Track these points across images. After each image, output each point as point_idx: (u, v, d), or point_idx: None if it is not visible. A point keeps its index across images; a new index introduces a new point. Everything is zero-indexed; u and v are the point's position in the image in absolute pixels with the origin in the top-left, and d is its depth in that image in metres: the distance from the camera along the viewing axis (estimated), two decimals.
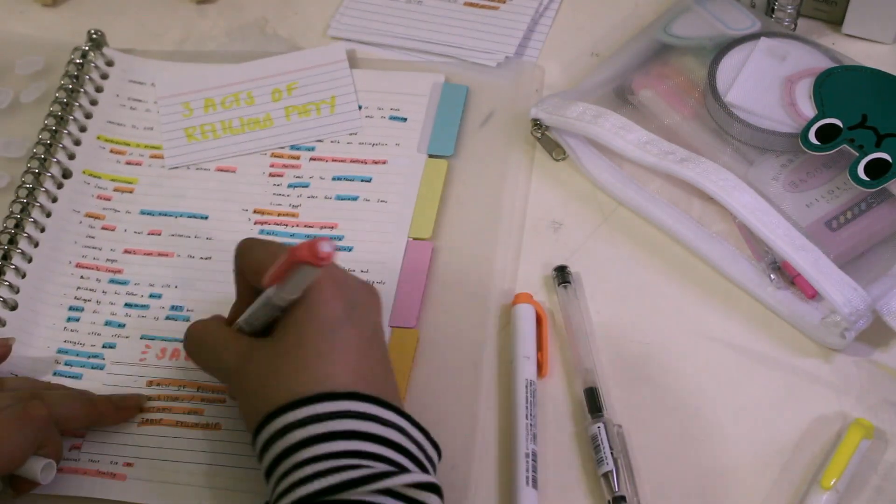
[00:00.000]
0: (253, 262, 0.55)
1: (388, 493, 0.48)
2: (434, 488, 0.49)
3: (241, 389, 0.54)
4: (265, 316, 0.54)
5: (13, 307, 0.63)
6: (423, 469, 0.51)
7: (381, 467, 0.48)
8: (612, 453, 0.56)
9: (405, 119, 0.72)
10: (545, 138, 0.69)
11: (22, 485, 0.56)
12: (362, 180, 0.69)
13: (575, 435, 0.59)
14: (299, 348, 0.51)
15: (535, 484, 0.56)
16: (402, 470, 0.49)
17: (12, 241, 0.65)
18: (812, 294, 0.61)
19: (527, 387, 0.59)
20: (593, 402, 0.59)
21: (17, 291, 0.64)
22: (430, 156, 0.70)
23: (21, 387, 0.58)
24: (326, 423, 0.49)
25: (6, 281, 0.63)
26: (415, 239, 0.66)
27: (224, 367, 0.55)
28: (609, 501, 0.55)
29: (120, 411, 0.59)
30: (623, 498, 0.55)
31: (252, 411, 0.52)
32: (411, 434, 0.51)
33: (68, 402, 0.57)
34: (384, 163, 0.70)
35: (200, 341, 0.57)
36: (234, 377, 0.54)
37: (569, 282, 0.63)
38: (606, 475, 0.56)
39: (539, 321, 0.62)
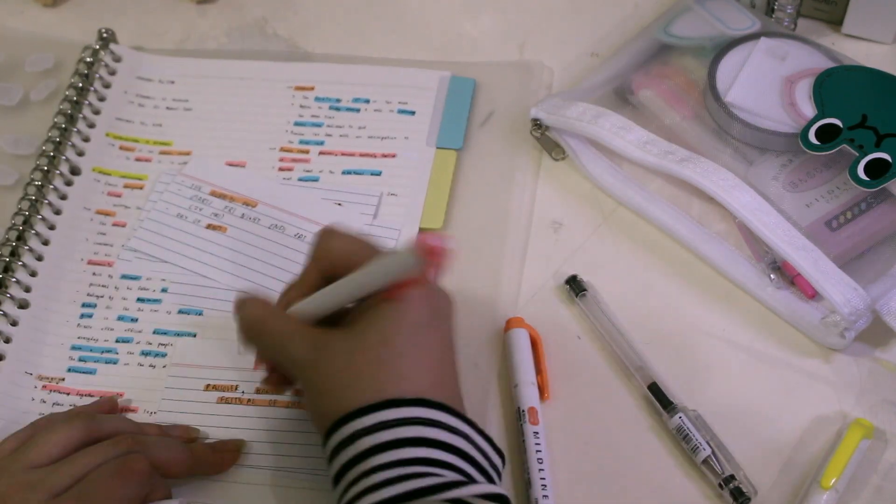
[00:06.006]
0: (333, 250, 0.54)
1: (458, 502, 0.47)
2: (501, 499, 0.48)
3: (311, 384, 0.52)
4: (335, 304, 0.53)
5: (24, 306, 0.63)
6: (487, 476, 0.50)
7: (449, 475, 0.48)
8: (705, 439, 0.56)
9: (413, 112, 0.72)
10: (544, 138, 0.69)
11: None
12: (372, 174, 0.69)
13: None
14: (382, 345, 0.51)
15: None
16: (468, 477, 0.49)
17: (20, 238, 0.65)
18: (812, 294, 0.61)
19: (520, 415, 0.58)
20: (661, 395, 0.59)
21: (29, 290, 0.64)
22: (439, 148, 0.70)
23: (118, 429, 0.56)
24: (394, 430, 0.49)
25: (15, 278, 0.63)
26: (424, 230, 0.66)
27: (292, 357, 0.53)
28: (720, 485, 0.55)
29: (217, 454, 0.58)
30: (733, 476, 0.55)
31: (320, 413, 0.51)
32: (476, 441, 0.51)
33: (166, 450, 0.55)
34: (393, 156, 0.70)
35: (261, 329, 0.54)
36: (307, 369, 0.52)
37: (585, 290, 0.63)
38: (706, 461, 0.56)
39: (534, 344, 0.61)
